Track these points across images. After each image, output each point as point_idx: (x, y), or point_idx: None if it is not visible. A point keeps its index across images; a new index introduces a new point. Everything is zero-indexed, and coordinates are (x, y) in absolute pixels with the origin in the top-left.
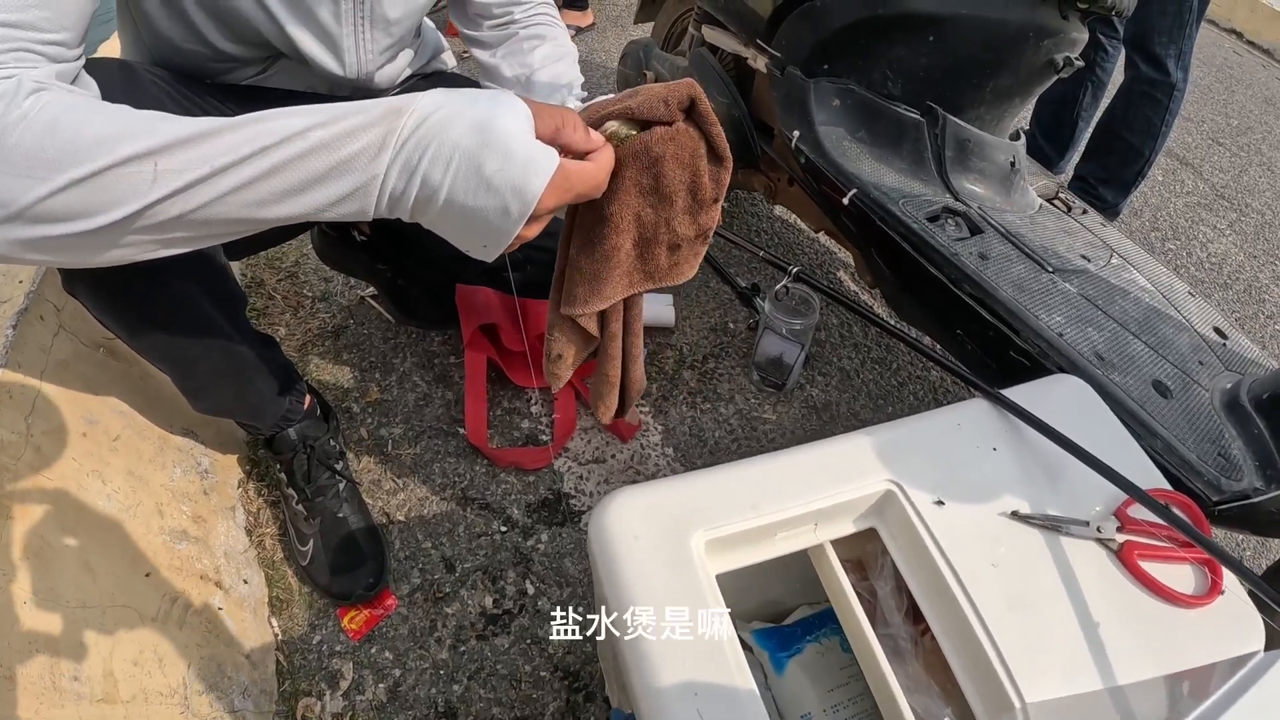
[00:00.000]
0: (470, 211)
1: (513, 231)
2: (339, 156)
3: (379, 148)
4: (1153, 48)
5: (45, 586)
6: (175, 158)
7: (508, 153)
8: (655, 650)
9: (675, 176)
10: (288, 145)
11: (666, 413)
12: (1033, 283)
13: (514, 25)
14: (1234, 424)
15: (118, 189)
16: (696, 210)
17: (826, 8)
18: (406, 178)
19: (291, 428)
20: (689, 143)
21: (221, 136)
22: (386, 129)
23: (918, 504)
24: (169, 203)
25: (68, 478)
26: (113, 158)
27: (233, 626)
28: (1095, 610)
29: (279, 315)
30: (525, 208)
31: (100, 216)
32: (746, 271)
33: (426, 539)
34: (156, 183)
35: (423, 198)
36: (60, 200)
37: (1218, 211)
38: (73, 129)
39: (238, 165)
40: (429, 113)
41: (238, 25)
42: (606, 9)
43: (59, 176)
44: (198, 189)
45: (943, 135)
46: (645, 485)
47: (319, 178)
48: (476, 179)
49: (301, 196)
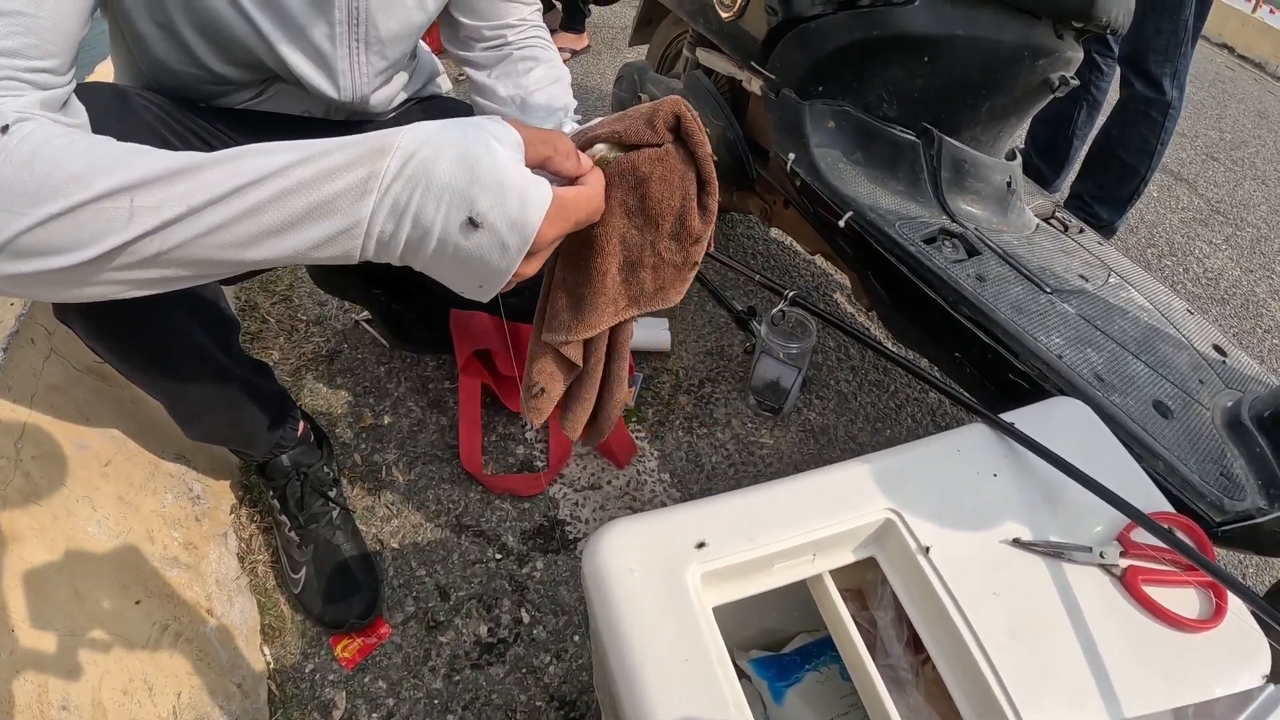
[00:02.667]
0: (466, 252)
1: (510, 269)
2: (320, 196)
3: (362, 190)
4: (1148, 66)
5: (34, 613)
6: (152, 194)
7: (501, 187)
8: (651, 685)
9: (662, 198)
10: (266, 184)
11: (663, 438)
12: (1031, 304)
13: (508, 47)
14: (1236, 443)
15: (94, 225)
16: (685, 238)
17: (821, 30)
18: (395, 220)
19: (285, 454)
20: (677, 165)
21: (200, 174)
22: (369, 170)
23: (917, 532)
24: (146, 241)
25: (58, 503)
26: (89, 193)
27: (224, 655)
28: (1099, 637)
29: (273, 339)
30: (524, 242)
31: (77, 253)
32: (742, 294)
33: (420, 566)
34: (133, 220)
35: (414, 240)
36: (37, 235)
37: (1213, 226)
38: (50, 163)
39: (215, 204)
40: (414, 150)
41: (232, 47)
42: (601, 32)
43: (35, 211)
44: (175, 227)
45: (939, 156)
46: (640, 516)
47: (299, 219)
48: (466, 213)
49: (282, 238)
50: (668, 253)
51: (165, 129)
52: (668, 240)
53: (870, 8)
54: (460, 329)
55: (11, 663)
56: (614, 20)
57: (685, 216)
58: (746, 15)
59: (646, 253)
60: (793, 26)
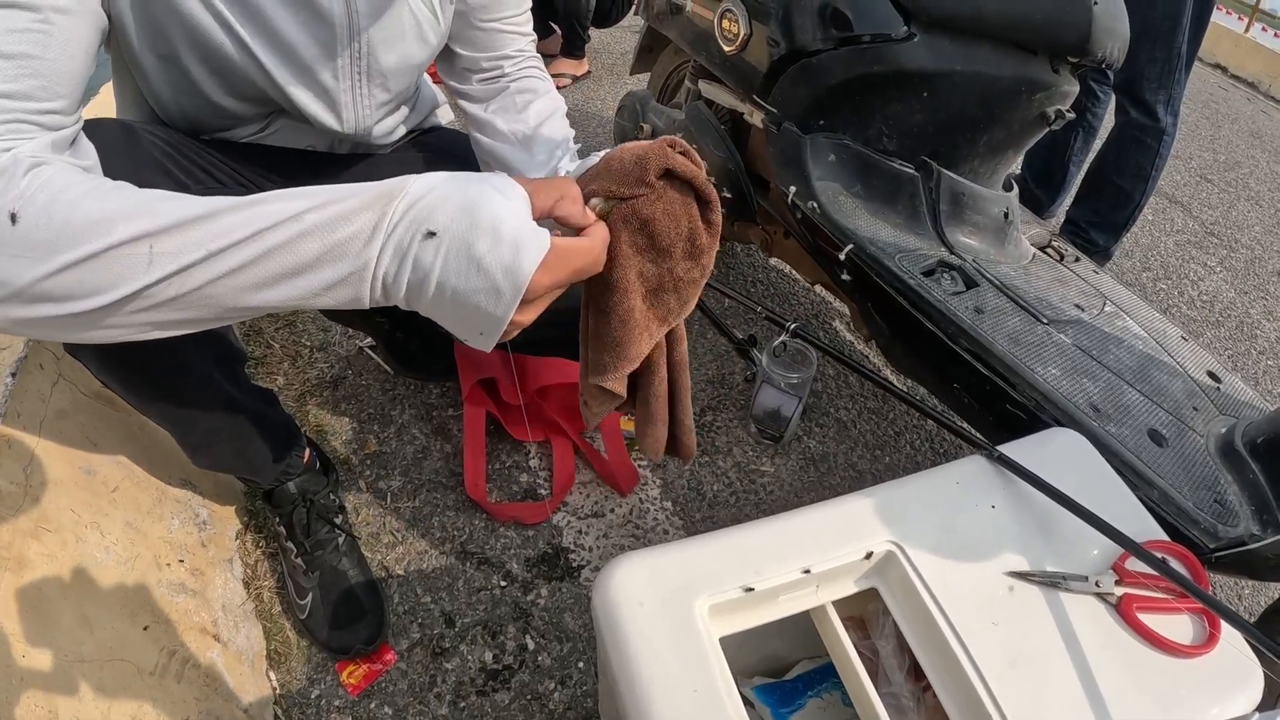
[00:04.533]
0: (463, 295)
1: (505, 317)
2: (332, 240)
3: (371, 233)
4: (1143, 94)
5: (43, 639)
6: (172, 240)
7: (497, 234)
8: (661, 715)
9: (669, 230)
10: (282, 229)
11: (665, 466)
12: (1028, 335)
13: (504, 79)
14: (1229, 469)
15: (114, 271)
16: (696, 254)
17: (822, 65)
18: (399, 262)
19: (291, 481)
20: (677, 196)
21: (218, 219)
22: (379, 213)
23: (918, 564)
24: (165, 285)
25: (66, 529)
26: (109, 240)
27: (230, 680)
28: (1095, 664)
29: (277, 364)
30: (517, 289)
31: (96, 298)
32: (743, 323)
33: (426, 593)
34: (152, 265)
35: (415, 282)
36: (57, 281)
37: (1208, 249)
38: (69, 208)
39: (233, 249)
40: (420, 195)
41: (235, 80)
42: (602, 58)
43: (56, 258)
44: (193, 271)
45: (937, 189)
46: (648, 551)
47: (311, 262)
48: (467, 261)
49: (295, 281)
50: (685, 273)
51: (172, 164)
52: (683, 262)
53: (870, 44)
54: (464, 358)
55: (21, 687)
56: (614, 46)
57: (694, 237)
58: (749, 49)
59: (666, 279)
60: (794, 61)
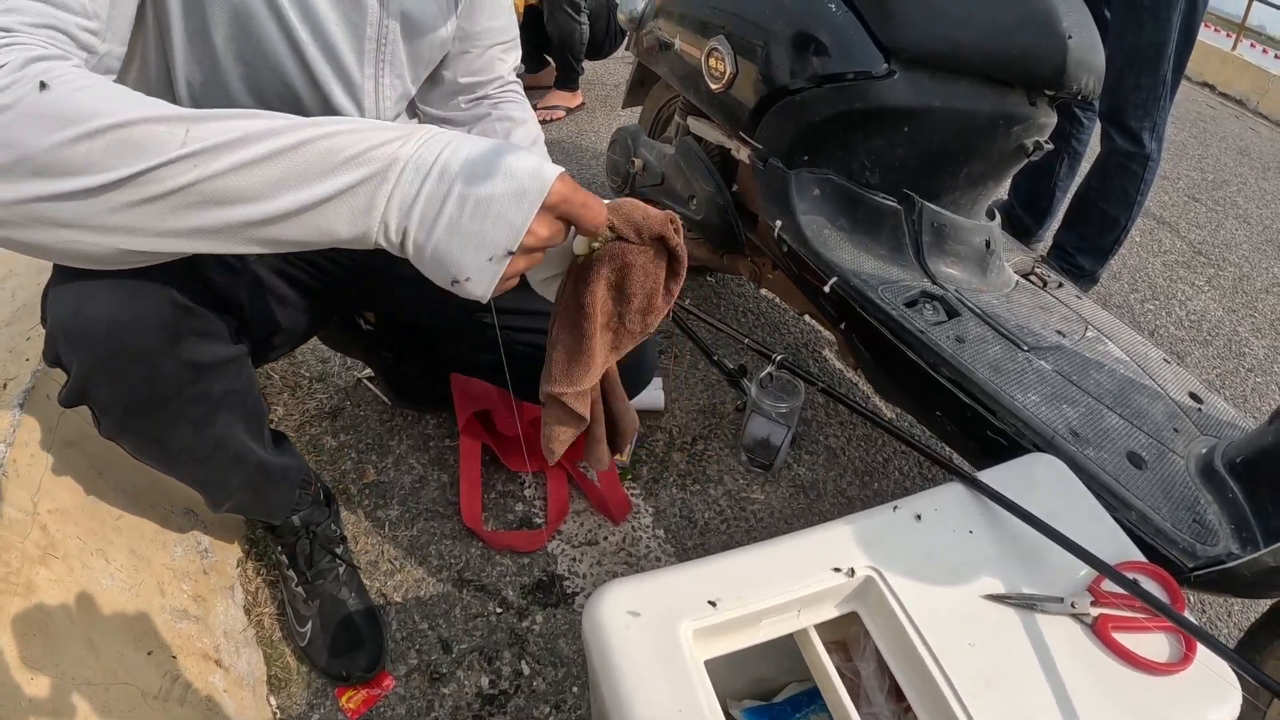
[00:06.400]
0: (485, 202)
1: (525, 223)
2: (359, 147)
3: (400, 141)
4: (1127, 121)
5: (49, 663)
6: (208, 127)
7: (519, 153)
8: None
9: (639, 282)
10: (317, 127)
11: (657, 495)
12: (1008, 363)
13: (486, 102)
14: (1209, 489)
15: (145, 141)
16: (647, 312)
17: (806, 102)
18: (422, 176)
19: (296, 515)
20: (654, 258)
21: (255, 118)
22: (410, 132)
23: (897, 588)
24: (188, 164)
25: (72, 556)
26: (152, 113)
27: (231, 705)
28: (1070, 683)
29: (276, 395)
30: (542, 186)
31: (115, 170)
32: (733, 353)
33: (423, 620)
34: (185, 144)
35: (433, 194)
36: (81, 147)
37: (1195, 269)
38: (114, 92)
39: (267, 137)
40: (448, 131)
41: (262, 66)
42: (596, 90)
43: (90, 121)
44: (221, 152)
45: (919, 221)
46: (636, 577)
47: (336, 166)
48: (495, 164)
49: (316, 184)
50: (630, 323)
51: None
52: (634, 314)
53: (852, 81)
54: (460, 390)
55: (27, 710)
56: (608, 77)
57: (652, 297)
58: (735, 86)
59: (613, 320)
60: (779, 98)
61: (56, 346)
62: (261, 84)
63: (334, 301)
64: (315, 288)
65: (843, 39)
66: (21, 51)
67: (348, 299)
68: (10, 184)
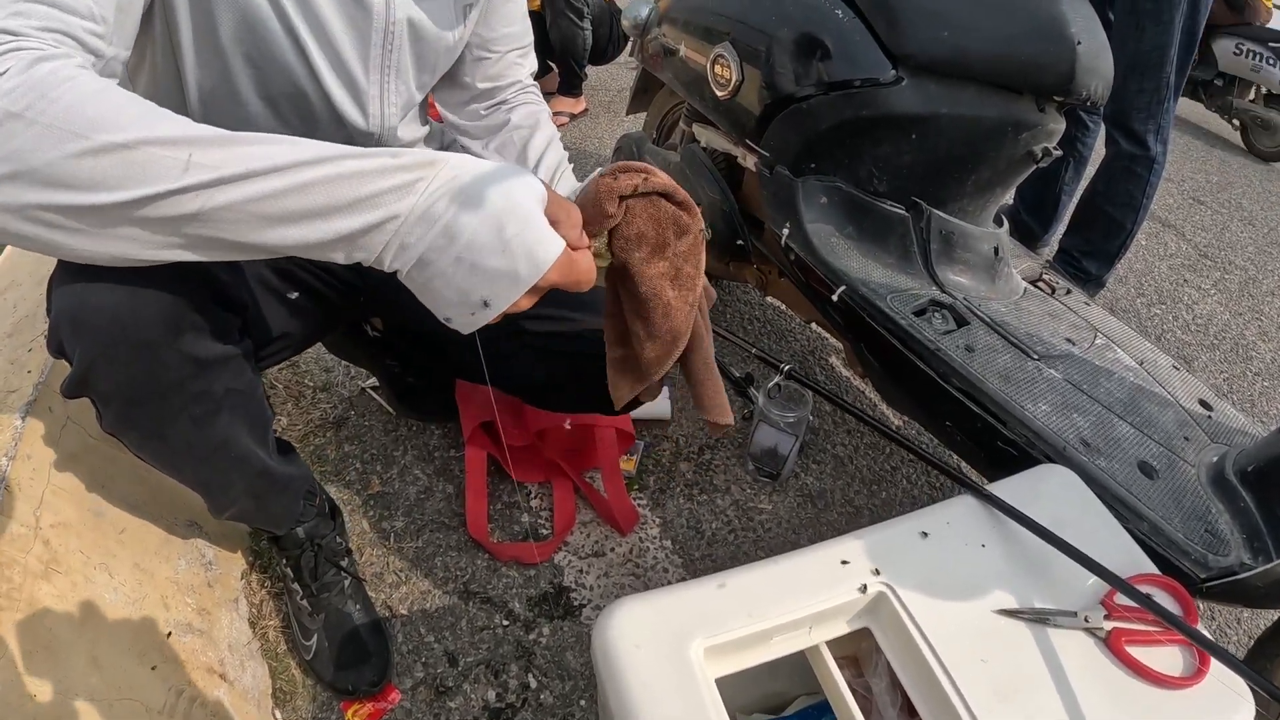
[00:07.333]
0: (481, 270)
1: (514, 297)
2: (368, 189)
3: (407, 189)
4: (1132, 125)
5: (53, 678)
6: (211, 154)
7: (527, 221)
8: None
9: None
10: (321, 166)
11: (664, 505)
12: (1018, 372)
13: (504, 106)
14: (1220, 499)
15: (148, 166)
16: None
17: (812, 109)
18: (428, 223)
19: (300, 526)
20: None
21: (259, 145)
22: (419, 175)
23: (909, 604)
24: (193, 195)
25: (75, 570)
26: (152, 134)
27: (237, 719)
28: (1083, 698)
29: (280, 405)
30: (535, 273)
31: (121, 191)
32: (740, 361)
33: (429, 632)
34: (188, 171)
35: (435, 246)
36: (86, 164)
37: (1201, 271)
38: (120, 100)
39: (273, 174)
40: (460, 168)
41: (270, 69)
42: (599, 95)
43: (95, 136)
44: (225, 188)
45: (928, 229)
46: (646, 595)
47: (343, 206)
48: (497, 238)
49: (317, 223)
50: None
51: None
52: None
53: (859, 88)
54: (466, 400)
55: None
56: (611, 83)
57: (677, 220)
58: (741, 94)
59: (677, 262)
60: (785, 106)
61: (60, 336)
62: (270, 87)
63: (341, 306)
64: (322, 291)
65: (849, 46)
66: (28, 55)
67: (355, 304)
68: (15, 191)
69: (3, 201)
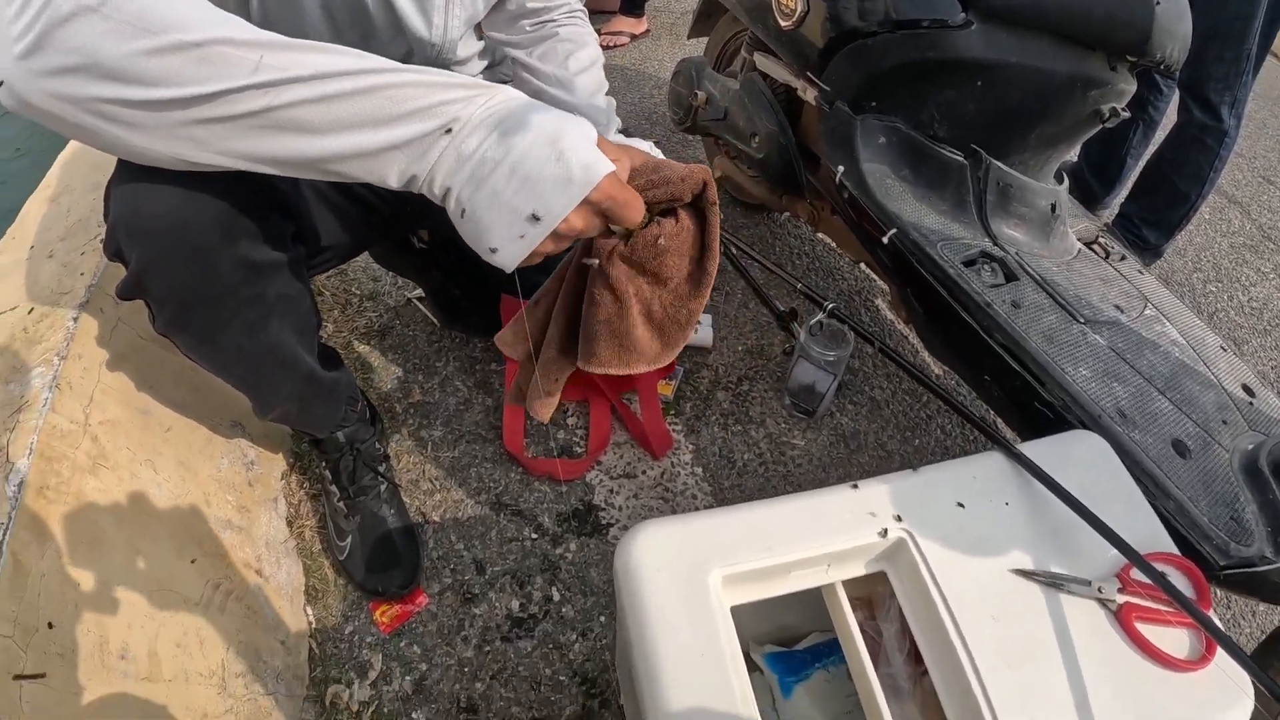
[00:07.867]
0: (534, 179)
1: (565, 210)
2: (429, 100)
3: (467, 100)
4: (1207, 94)
5: (98, 568)
6: (281, 56)
7: (580, 141)
8: (668, 676)
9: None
10: (387, 74)
11: (699, 432)
12: (1063, 334)
13: (551, 25)
14: (1250, 488)
15: (220, 63)
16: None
17: (877, 47)
18: (485, 132)
19: (341, 431)
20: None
21: (328, 54)
22: (480, 90)
23: (927, 553)
24: (260, 92)
25: (121, 466)
26: (224, 34)
27: (270, 613)
28: (1087, 668)
29: (327, 312)
30: (588, 182)
31: (189, 87)
32: (785, 295)
33: (459, 540)
34: (258, 71)
35: (490, 157)
36: (156, 61)
37: (1263, 254)
38: (192, 2)
39: (338, 77)
40: (518, 95)
41: None
42: (661, 16)
43: (167, 35)
44: (293, 86)
45: (985, 179)
46: (670, 519)
47: (406, 113)
48: (552, 149)
49: (379, 130)
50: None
51: None
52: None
53: (927, 29)
54: (509, 315)
55: (75, 613)
56: (674, 5)
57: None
58: (805, 25)
59: (655, 305)
60: (849, 41)
61: (117, 239)
62: (333, 4)
63: (390, 217)
64: (372, 201)
65: None
66: None
67: (404, 215)
68: (83, 83)
69: (67, 92)
